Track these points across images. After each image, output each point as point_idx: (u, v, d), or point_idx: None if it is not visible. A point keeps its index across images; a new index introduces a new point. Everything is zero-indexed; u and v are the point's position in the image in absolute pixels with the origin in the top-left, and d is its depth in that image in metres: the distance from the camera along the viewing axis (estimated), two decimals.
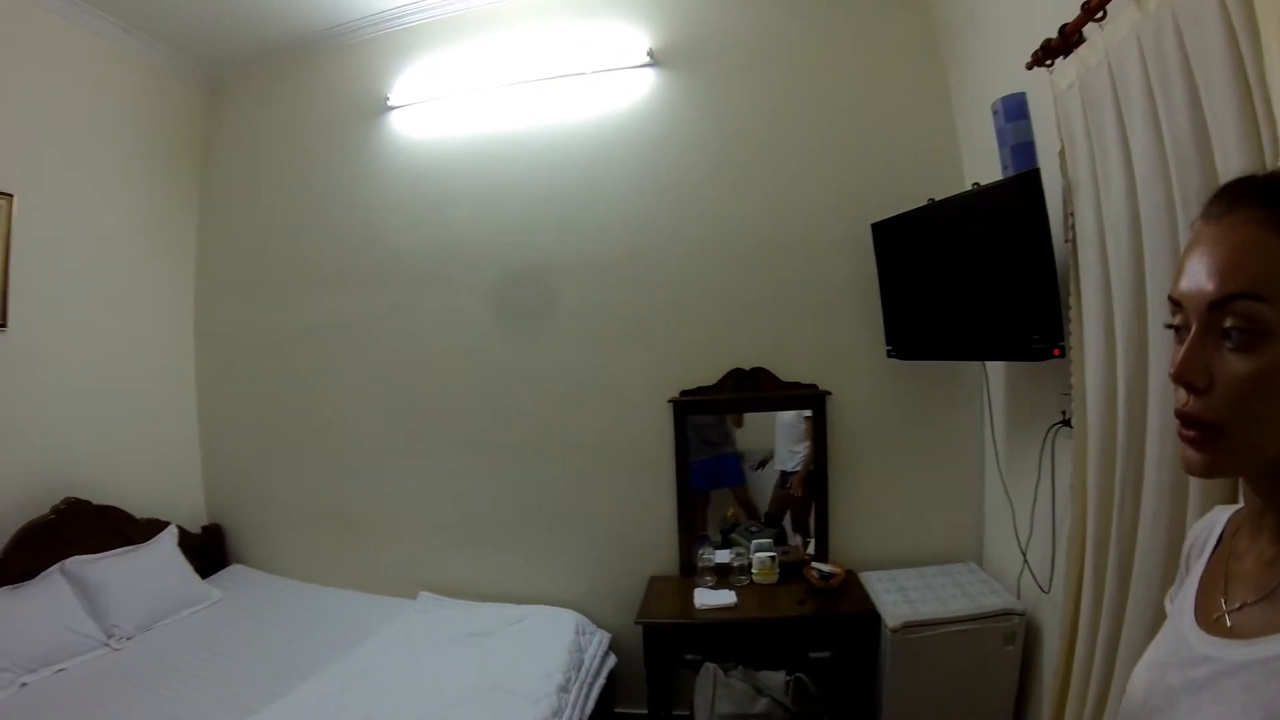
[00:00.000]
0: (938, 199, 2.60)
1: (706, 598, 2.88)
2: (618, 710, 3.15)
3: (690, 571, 3.15)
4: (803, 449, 3.22)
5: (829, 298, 3.12)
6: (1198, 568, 0.83)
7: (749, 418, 3.38)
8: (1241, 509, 0.82)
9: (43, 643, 2.70)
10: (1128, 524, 1.67)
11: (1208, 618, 0.74)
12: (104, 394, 3.48)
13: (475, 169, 3.52)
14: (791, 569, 3.00)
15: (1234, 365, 0.64)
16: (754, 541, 3.08)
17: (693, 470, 3.29)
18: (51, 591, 2.89)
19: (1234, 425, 0.66)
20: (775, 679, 2.65)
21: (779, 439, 3.35)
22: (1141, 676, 0.80)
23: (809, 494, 3.18)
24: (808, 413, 3.18)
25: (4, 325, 3.05)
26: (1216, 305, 0.65)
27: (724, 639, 2.78)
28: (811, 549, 3.15)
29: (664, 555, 3.26)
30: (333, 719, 2.38)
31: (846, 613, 2.73)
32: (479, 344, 3.53)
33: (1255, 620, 0.68)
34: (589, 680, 2.84)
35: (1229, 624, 0.70)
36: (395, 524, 3.70)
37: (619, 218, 3.34)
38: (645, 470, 3.30)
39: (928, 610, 2.56)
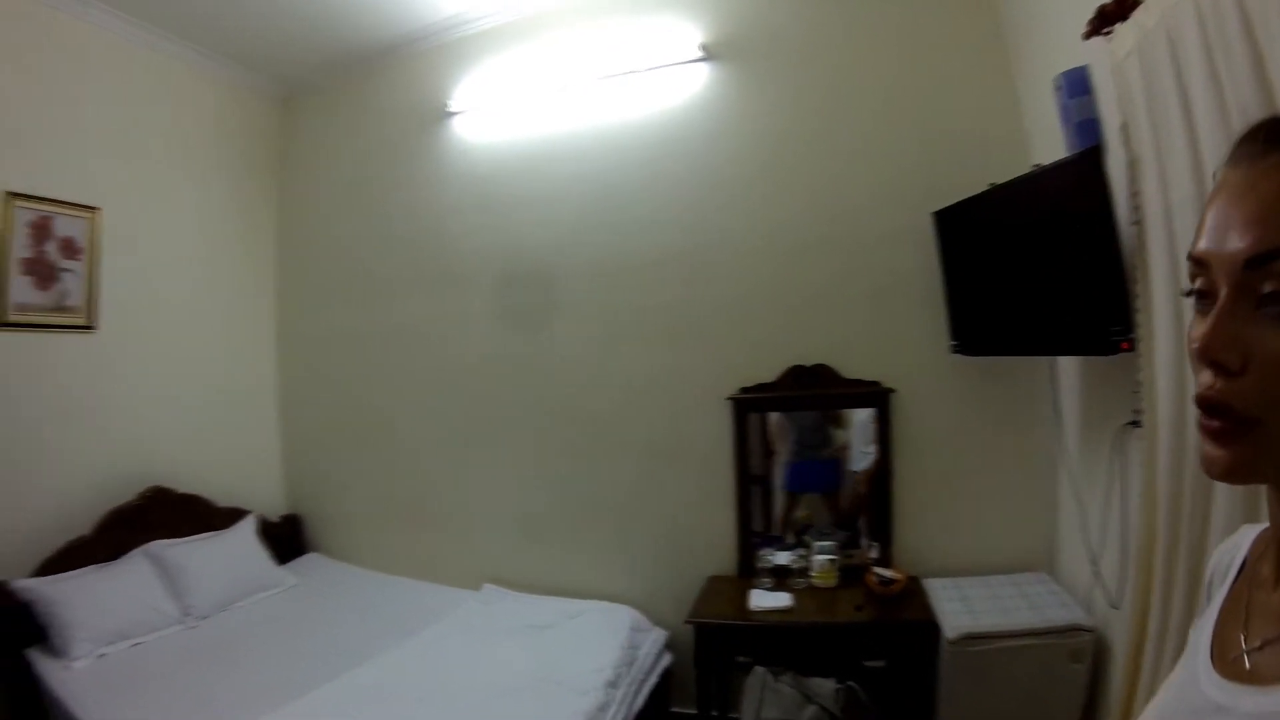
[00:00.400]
0: (999, 183, 2.48)
1: (761, 599, 2.81)
2: (674, 710, 3.11)
3: (749, 572, 3.09)
4: (873, 449, 3.13)
5: (892, 291, 3.02)
6: (1219, 597, 0.71)
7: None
8: (1267, 528, 0.67)
9: (122, 618, 2.89)
10: (1198, 536, 1.52)
11: (1225, 657, 0.62)
12: (189, 391, 3.74)
13: (534, 171, 3.60)
14: (854, 573, 2.90)
15: (1275, 341, 0.52)
16: (816, 544, 3.00)
17: (789, 471, 3.25)
18: (134, 572, 3.11)
19: (1272, 416, 0.52)
20: (826, 686, 2.58)
21: (854, 438, 3.26)
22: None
23: (873, 496, 3.08)
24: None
25: (95, 327, 3.32)
26: (1253, 264, 0.52)
27: (776, 642, 2.71)
28: (875, 553, 3.05)
29: (723, 555, 3.21)
30: (386, 699, 2.47)
31: (905, 621, 2.61)
32: (541, 344, 3.59)
33: (1277, 662, 0.56)
34: (641, 677, 2.83)
35: (1248, 665, 0.58)
36: (463, 518, 3.81)
37: (676, 215, 3.33)
38: (705, 468, 3.27)
39: (990, 622, 2.41)
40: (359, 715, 2.39)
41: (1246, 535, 0.72)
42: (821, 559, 2.92)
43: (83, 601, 2.82)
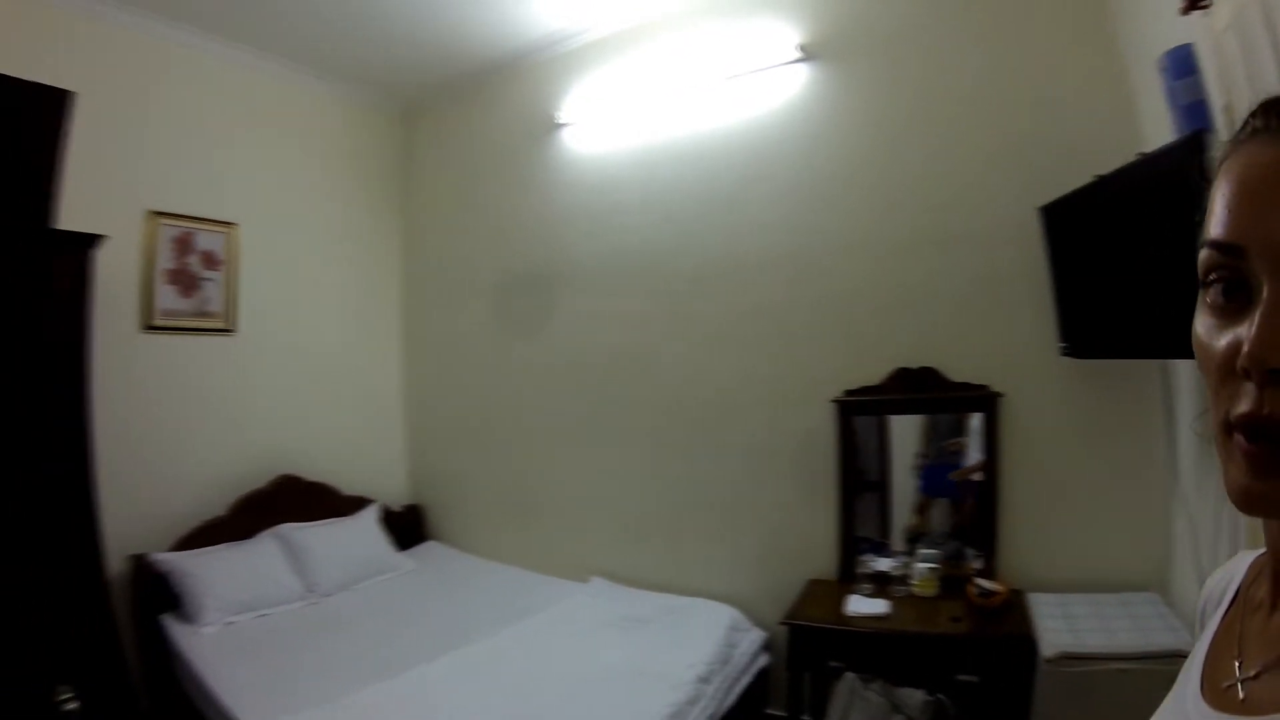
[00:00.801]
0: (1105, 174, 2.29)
1: (858, 605, 2.75)
2: (768, 711, 3.10)
3: (850, 577, 3.02)
4: (978, 455, 3.00)
5: (999, 290, 2.87)
6: (1212, 625, 0.66)
7: None
8: (1264, 553, 0.61)
9: (250, 591, 3.22)
10: None
11: (1216, 687, 0.58)
12: (320, 387, 4.12)
13: (640, 177, 3.69)
14: (956, 584, 2.77)
15: None
16: (919, 551, 2.91)
17: (923, 474, 3.15)
18: (263, 551, 3.45)
19: None
20: (915, 697, 2.50)
21: (970, 443, 3.14)
22: None
23: (979, 504, 2.94)
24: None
25: (233, 330, 3.73)
26: None
27: (869, 649, 2.64)
28: (978, 563, 2.91)
29: (824, 559, 3.16)
30: (488, 678, 2.63)
31: (1002, 636, 2.47)
32: (650, 345, 3.67)
33: (1273, 691, 0.52)
34: (735, 675, 2.85)
35: (1241, 696, 0.54)
36: (574, 512, 3.95)
37: (779, 216, 3.31)
38: (808, 471, 3.22)
39: (1091, 642, 2.24)
40: (461, 690, 2.55)
41: (1242, 562, 0.67)
42: (922, 567, 2.82)
43: (215, 575, 3.17)
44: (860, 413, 3.15)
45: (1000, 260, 2.85)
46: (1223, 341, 0.48)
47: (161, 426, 3.43)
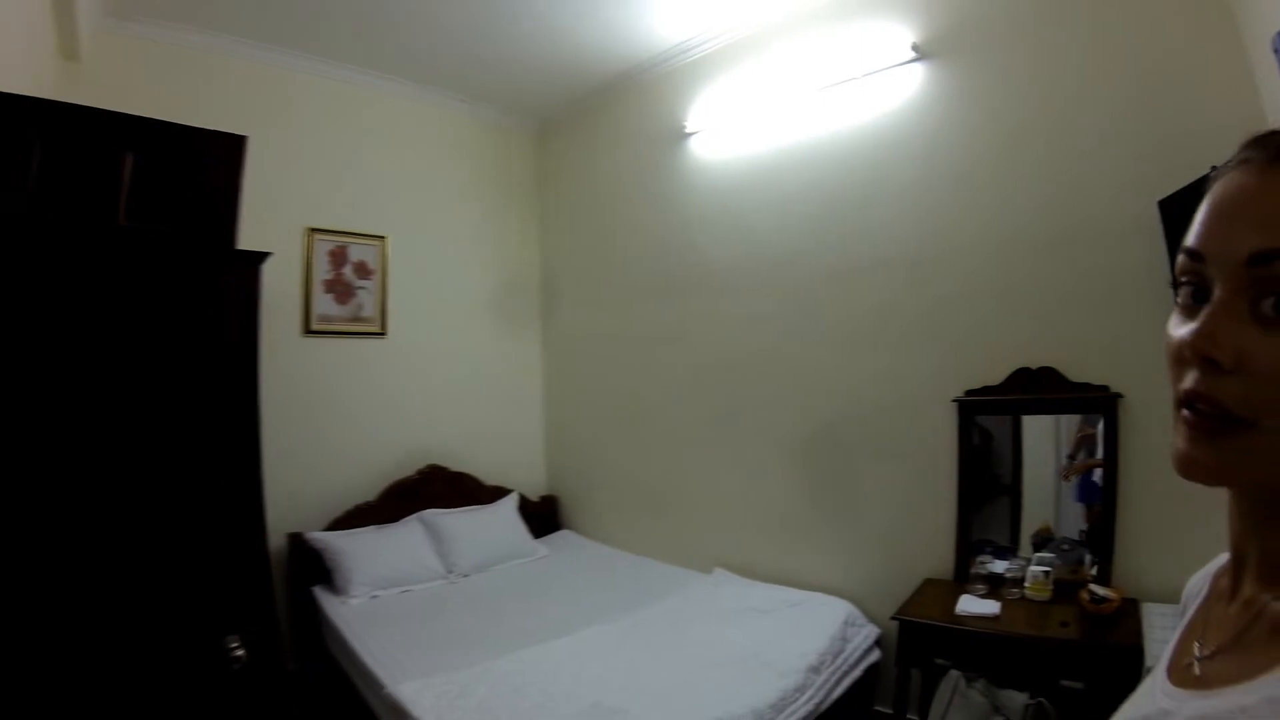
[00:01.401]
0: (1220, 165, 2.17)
1: (970, 605, 2.73)
2: (877, 708, 3.14)
3: (964, 578, 2.99)
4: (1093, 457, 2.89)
5: (1119, 289, 2.74)
6: (1188, 616, 0.73)
7: None
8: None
9: (396, 569, 3.61)
10: None
11: (1179, 667, 0.64)
12: (464, 385, 4.52)
13: (767, 181, 3.78)
14: (1070, 589, 2.70)
15: (1260, 342, 0.52)
16: (1035, 555, 2.85)
17: (1080, 480, 3.04)
18: (408, 533, 3.84)
19: (1266, 420, 0.52)
20: (1017, 700, 2.45)
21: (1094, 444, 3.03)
22: None
23: (1100, 510, 2.83)
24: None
25: (385, 333, 4.19)
26: (1256, 260, 0.52)
27: (976, 648, 2.62)
28: (1095, 569, 2.80)
29: (941, 558, 3.14)
30: (608, 656, 2.81)
31: (1111, 644, 2.39)
32: (776, 345, 3.75)
33: (1225, 668, 0.58)
34: (845, 668, 2.92)
35: (1197, 672, 0.61)
36: (701, 506, 4.10)
37: (899, 217, 3.31)
38: (927, 470, 3.22)
39: None
40: (583, 665, 2.74)
41: (1219, 560, 0.72)
42: (1036, 570, 2.76)
43: (363, 553, 3.59)
44: (981, 412, 3.10)
45: (1120, 256, 2.74)
46: (1179, 333, 0.57)
47: (320, 420, 3.91)
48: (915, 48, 3.21)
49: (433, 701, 2.45)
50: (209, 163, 2.04)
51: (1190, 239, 0.58)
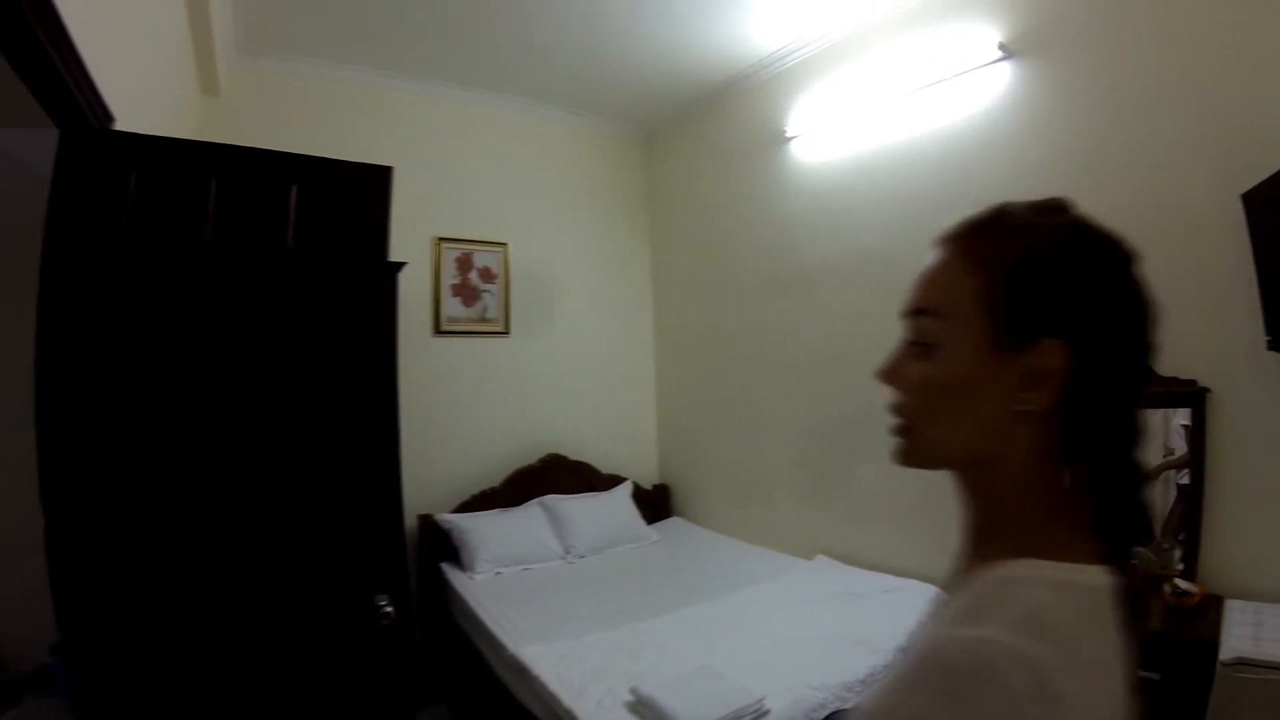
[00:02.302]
0: None
1: None
2: None
3: None
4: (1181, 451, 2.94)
5: (1204, 282, 2.76)
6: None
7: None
8: None
9: (518, 549, 4.05)
10: None
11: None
12: (582, 380, 4.96)
13: (864, 183, 3.95)
14: (1156, 582, 2.80)
15: (911, 369, 0.77)
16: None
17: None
18: (530, 516, 4.28)
19: (917, 422, 0.77)
20: None
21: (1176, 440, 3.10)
22: None
23: (1186, 504, 2.90)
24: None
25: (508, 333, 4.68)
26: (906, 315, 0.81)
27: None
28: (1182, 565, 2.87)
29: None
30: (711, 631, 3.07)
31: (1190, 638, 2.47)
32: (874, 341, 3.80)
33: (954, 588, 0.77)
34: None
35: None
36: (804, 495, 4.29)
37: None
38: None
39: (1271, 651, 2.19)
40: (688, 638, 3.02)
41: None
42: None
43: (488, 534, 4.04)
44: None
45: (1205, 250, 2.76)
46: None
47: (448, 413, 4.42)
48: (1002, 47, 3.29)
49: (553, 662, 2.78)
50: (361, 190, 2.40)
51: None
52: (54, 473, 1.93)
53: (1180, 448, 2.97)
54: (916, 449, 0.78)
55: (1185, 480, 2.92)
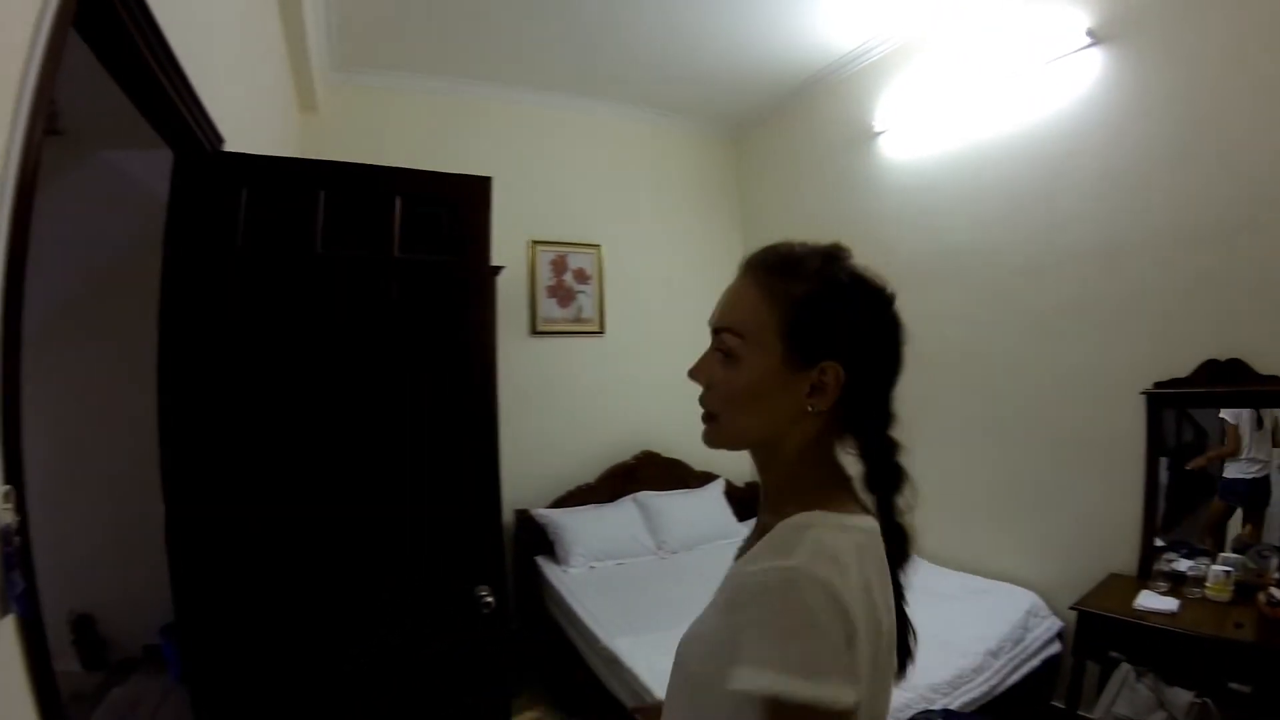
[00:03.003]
0: None
1: (1148, 600, 2.86)
2: (1053, 703, 3.29)
3: (1148, 574, 3.09)
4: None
5: None
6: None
7: None
8: None
9: (612, 543, 4.24)
10: None
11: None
12: (676, 378, 4.93)
13: (954, 178, 3.98)
14: (1253, 592, 2.74)
15: (716, 373, 0.98)
16: (1220, 555, 2.92)
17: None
18: (623, 512, 4.46)
19: (721, 412, 0.98)
20: (1182, 697, 2.59)
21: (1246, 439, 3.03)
22: None
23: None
24: None
25: (603, 333, 4.87)
26: (715, 331, 1.00)
27: (1149, 644, 2.75)
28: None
29: (1128, 553, 3.24)
30: None
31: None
32: (967, 338, 3.94)
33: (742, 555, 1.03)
34: (1024, 657, 3.12)
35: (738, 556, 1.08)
36: None
37: (1083, 209, 3.40)
38: (1116, 464, 3.30)
39: None
40: None
41: None
42: (1217, 570, 2.84)
43: (583, 528, 4.24)
44: (1169, 405, 3.15)
45: None
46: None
47: (545, 411, 4.64)
48: (1090, 33, 3.28)
49: (645, 654, 2.92)
50: (462, 200, 2.53)
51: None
52: (175, 468, 2.14)
53: None
54: (720, 434, 1.00)
55: None
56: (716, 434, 1.01)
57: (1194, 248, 3.03)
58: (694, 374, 1.02)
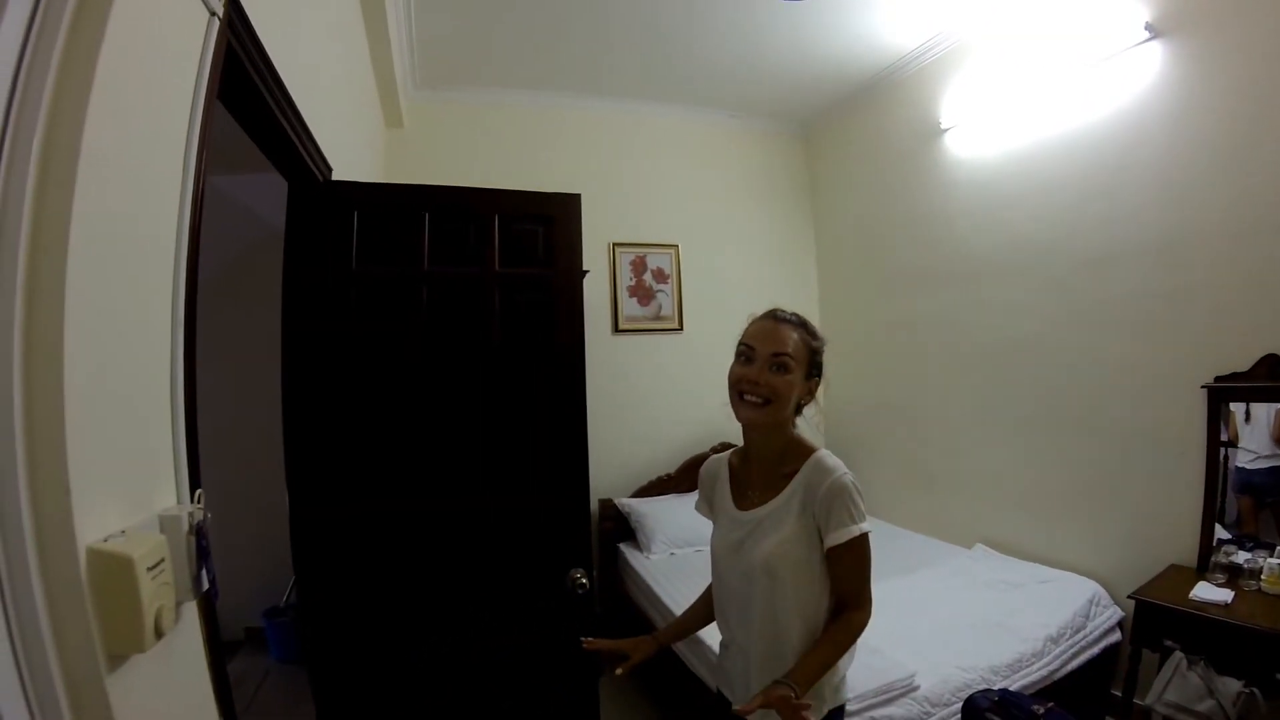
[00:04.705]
0: None
1: (1204, 591, 3.02)
2: (1112, 692, 3.43)
3: (1206, 566, 3.24)
4: None
5: None
6: (722, 486, 1.93)
7: None
8: (733, 454, 1.96)
9: (691, 531, 4.51)
10: None
11: (742, 501, 1.82)
12: None
13: (1020, 173, 4.13)
14: None
15: (774, 379, 1.69)
16: (1278, 548, 3.06)
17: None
18: None
19: (774, 401, 1.69)
20: (1232, 686, 2.73)
21: None
22: (720, 541, 1.87)
23: None
24: None
25: (681, 330, 5.20)
26: (775, 355, 1.70)
27: (1202, 634, 2.90)
28: None
29: (1186, 545, 3.38)
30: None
31: None
32: (1033, 331, 4.08)
33: (765, 497, 1.76)
34: (1084, 644, 3.30)
35: (754, 503, 1.78)
36: (964, 485, 4.57)
37: (1146, 202, 3.51)
38: (1178, 456, 3.42)
39: None
40: None
41: (719, 460, 2.00)
42: (1274, 562, 2.99)
43: (663, 517, 4.57)
44: (1230, 399, 3.26)
45: None
46: (746, 371, 1.73)
47: (627, 405, 5.00)
48: (1149, 26, 3.39)
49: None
50: (556, 215, 2.78)
51: (752, 343, 1.74)
52: (298, 469, 2.48)
53: None
54: (770, 416, 1.70)
55: None
56: (769, 415, 1.71)
57: (1254, 242, 3.11)
58: (763, 380, 1.69)
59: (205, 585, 1.29)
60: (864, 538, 1.68)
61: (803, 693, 1.55)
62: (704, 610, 2.10)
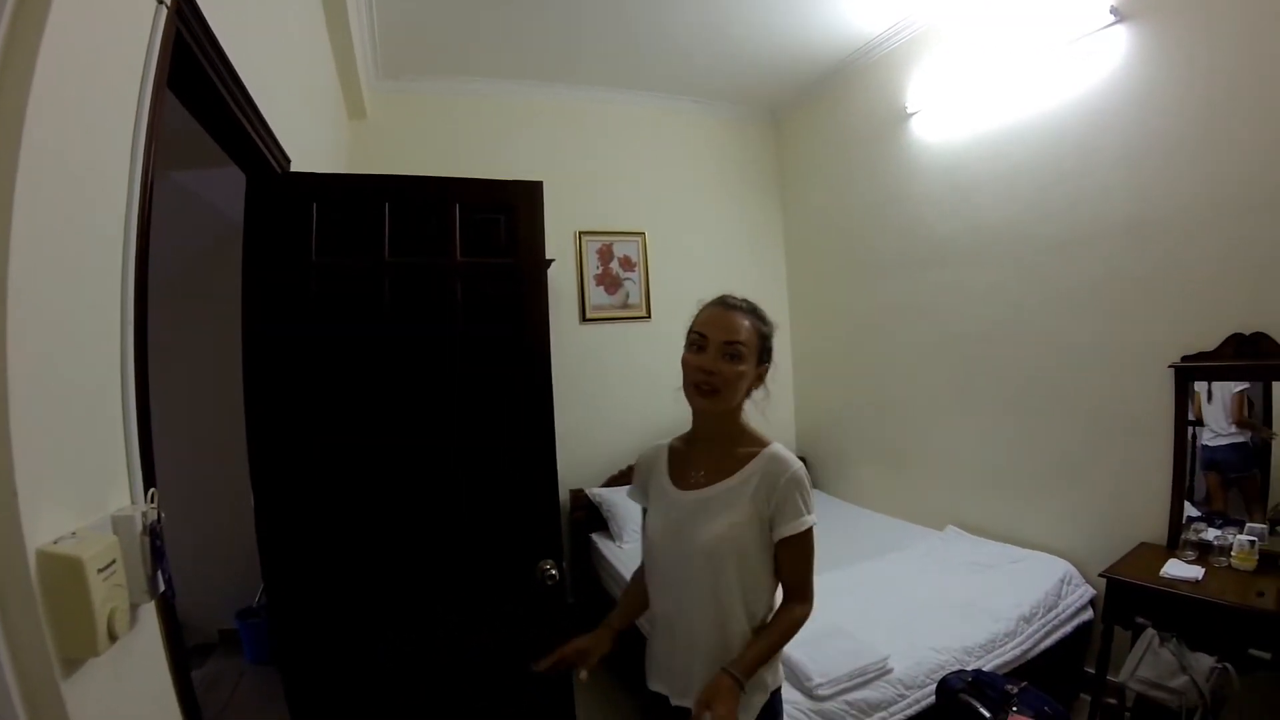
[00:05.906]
0: None
1: (1175, 569, 3.06)
2: (1086, 669, 3.49)
3: (1176, 544, 3.30)
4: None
5: None
6: (660, 469, 1.97)
7: None
8: (677, 439, 2.00)
9: None
10: None
11: (684, 481, 1.86)
12: None
13: (986, 157, 4.16)
14: (1275, 561, 2.97)
15: (724, 366, 1.74)
16: (1247, 526, 3.11)
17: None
18: None
19: (722, 389, 1.74)
20: (1204, 662, 2.76)
21: None
22: (657, 523, 1.90)
23: None
24: None
25: (649, 317, 5.20)
26: (728, 344, 1.74)
27: (1174, 611, 2.94)
28: None
29: (1155, 524, 3.44)
30: (841, 595, 3.37)
31: None
32: (1002, 315, 4.13)
33: (711, 478, 1.82)
34: (1056, 623, 3.35)
35: (698, 483, 1.83)
36: (936, 468, 4.62)
37: (1113, 184, 3.54)
38: (1145, 436, 3.47)
39: None
40: (822, 601, 3.22)
41: (658, 447, 2.06)
42: (1243, 539, 3.04)
43: (634, 506, 4.41)
44: (1196, 379, 3.30)
45: None
46: (699, 360, 1.78)
47: (597, 394, 4.98)
48: (1114, 10, 3.42)
49: None
50: (517, 203, 2.74)
51: (705, 331, 1.78)
52: (261, 462, 2.46)
53: None
54: (721, 401, 1.75)
55: None
56: (721, 403, 1.76)
57: (1220, 223, 3.16)
58: (713, 368, 1.74)
59: (161, 586, 1.28)
60: (811, 530, 1.78)
61: (746, 682, 1.65)
62: (644, 588, 2.07)
